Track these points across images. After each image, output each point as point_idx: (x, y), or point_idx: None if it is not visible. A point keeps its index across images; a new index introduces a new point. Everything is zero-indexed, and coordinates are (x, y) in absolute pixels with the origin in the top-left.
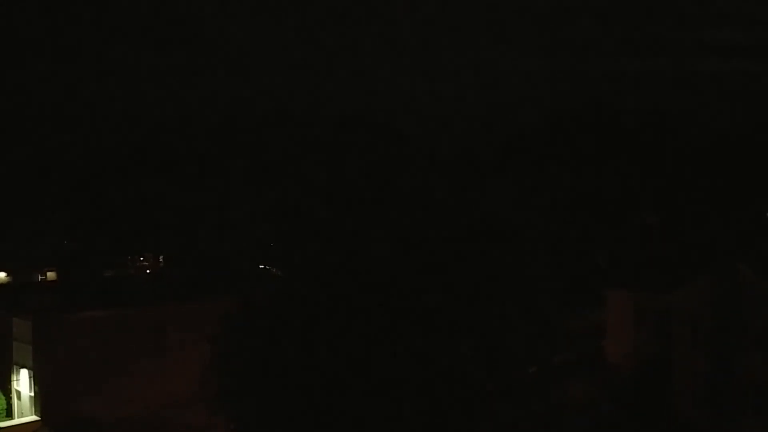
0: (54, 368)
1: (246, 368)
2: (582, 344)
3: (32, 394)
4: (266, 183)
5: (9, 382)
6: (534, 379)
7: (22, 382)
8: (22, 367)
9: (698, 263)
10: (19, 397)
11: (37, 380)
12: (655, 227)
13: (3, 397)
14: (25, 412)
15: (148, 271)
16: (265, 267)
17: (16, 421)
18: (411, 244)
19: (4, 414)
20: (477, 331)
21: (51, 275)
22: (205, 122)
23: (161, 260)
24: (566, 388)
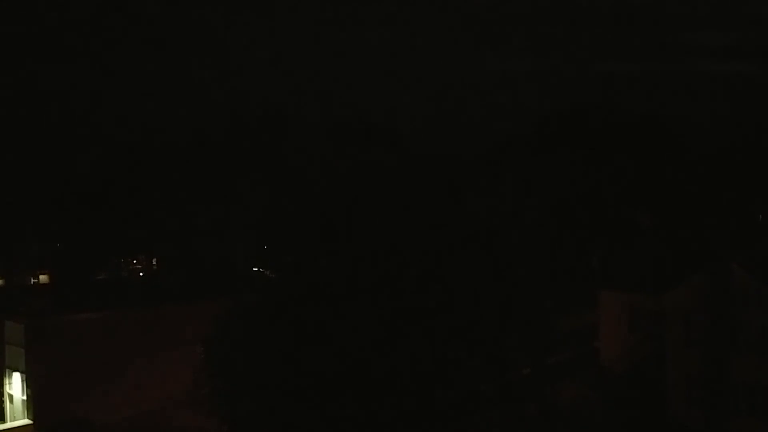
0: (46, 371)
1: (239, 370)
2: (575, 345)
3: (25, 397)
4: (260, 185)
5: (1, 385)
6: (527, 380)
7: (15, 386)
8: (15, 370)
9: (692, 264)
10: (11, 401)
11: (29, 383)
12: (649, 228)
13: None
14: (17, 416)
15: (141, 273)
16: (258, 269)
17: (8, 424)
18: (404, 246)
19: None
20: (470, 332)
21: (43, 278)
22: (198, 124)
23: (154, 263)
24: (560, 389)
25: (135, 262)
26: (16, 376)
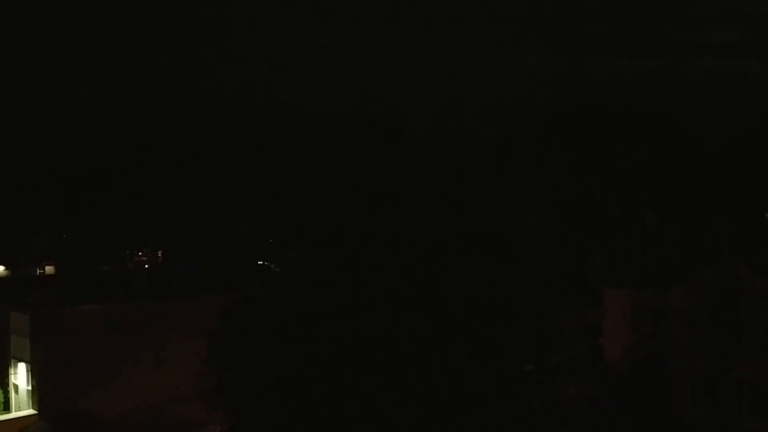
0: (51, 362)
1: (243, 364)
2: (579, 343)
3: (29, 387)
4: (265, 179)
5: (6, 375)
6: (531, 378)
7: (20, 376)
8: (20, 360)
9: (696, 262)
10: (16, 391)
11: (34, 374)
12: (654, 226)
13: (0, 391)
14: (22, 406)
15: (146, 266)
16: (263, 263)
17: (13, 414)
18: (408, 242)
19: (2, 408)
20: (473, 330)
21: (49, 269)
22: (203, 117)
23: (160, 255)
24: (563, 387)
25: (140, 254)
26: (21, 367)
